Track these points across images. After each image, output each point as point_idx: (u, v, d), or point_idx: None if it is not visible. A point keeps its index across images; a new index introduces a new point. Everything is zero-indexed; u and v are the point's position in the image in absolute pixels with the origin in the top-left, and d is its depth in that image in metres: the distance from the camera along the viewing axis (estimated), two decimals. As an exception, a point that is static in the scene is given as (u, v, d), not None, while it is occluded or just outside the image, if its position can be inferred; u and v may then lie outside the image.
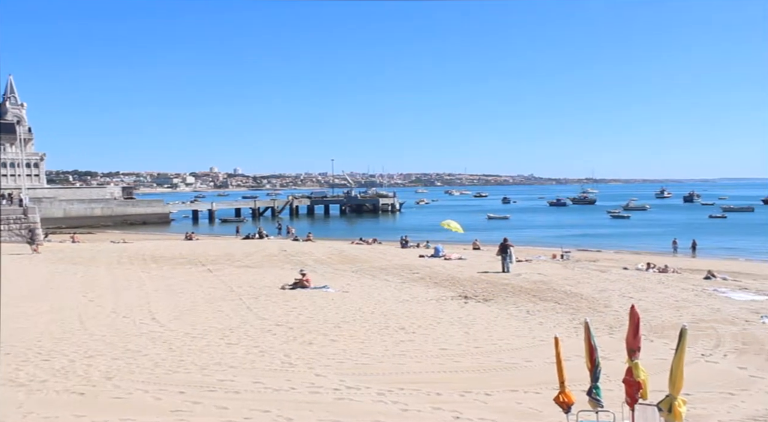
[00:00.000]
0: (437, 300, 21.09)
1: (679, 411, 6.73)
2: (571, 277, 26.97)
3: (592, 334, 7.35)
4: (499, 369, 12.52)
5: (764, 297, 21.75)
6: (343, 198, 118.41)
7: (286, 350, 13.84)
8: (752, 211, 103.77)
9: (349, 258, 34.56)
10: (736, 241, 57.61)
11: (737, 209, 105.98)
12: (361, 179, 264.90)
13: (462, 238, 44.52)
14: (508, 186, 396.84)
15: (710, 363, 13.07)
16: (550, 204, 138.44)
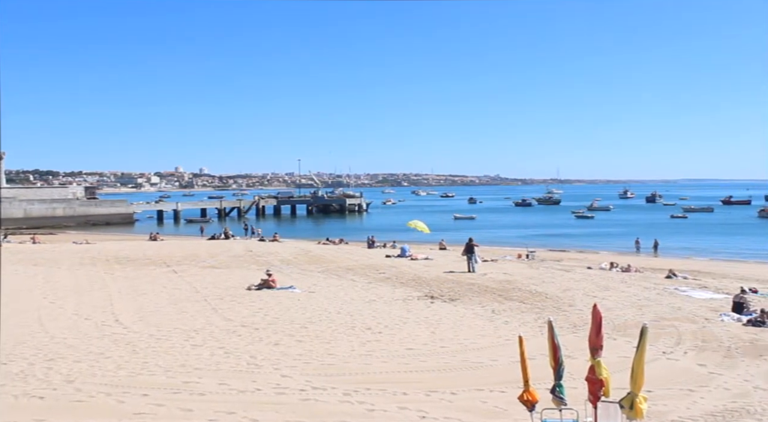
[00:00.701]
0: (403, 300, 21.14)
1: (641, 408, 6.83)
2: (536, 277, 27.24)
3: (555, 333, 7.42)
4: (465, 368, 12.59)
5: (723, 296, 22.21)
6: (310, 198, 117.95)
7: (252, 351, 13.75)
8: (712, 211, 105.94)
9: (316, 259, 34.47)
10: (696, 241, 58.75)
11: (698, 209, 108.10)
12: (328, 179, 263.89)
13: (428, 238, 44.70)
14: (475, 186, 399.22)
15: (671, 361, 13.32)
16: (516, 204, 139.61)
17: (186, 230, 77.36)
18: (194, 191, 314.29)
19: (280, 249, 39.74)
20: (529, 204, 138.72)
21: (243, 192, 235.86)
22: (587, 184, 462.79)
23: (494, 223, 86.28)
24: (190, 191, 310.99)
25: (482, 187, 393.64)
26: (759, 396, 10.88)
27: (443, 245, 44.75)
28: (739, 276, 30.32)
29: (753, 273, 32.67)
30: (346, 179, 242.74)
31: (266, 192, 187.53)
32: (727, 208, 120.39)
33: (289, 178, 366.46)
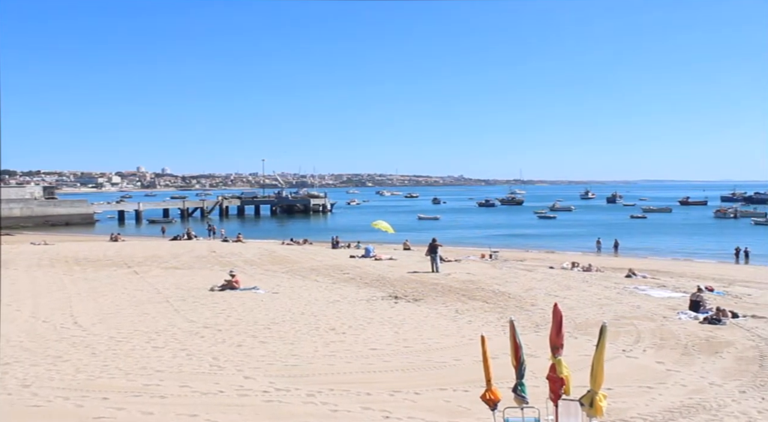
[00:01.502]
0: (368, 300, 21.14)
1: (600, 406, 6.92)
2: (499, 276, 27.46)
3: (517, 332, 7.48)
4: (429, 368, 12.64)
5: (681, 294, 22.63)
6: (274, 198, 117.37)
7: (215, 353, 13.63)
8: (670, 211, 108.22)
9: (280, 259, 34.29)
10: (655, 241, 59.87)
11: (656, 210, 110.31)
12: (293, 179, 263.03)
13: (393, 239, 44.76)
14: (439, 187, 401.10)
15: (630, 359, 13.54)
16: (479, 204, 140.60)
17: (148, 231, 76.31)
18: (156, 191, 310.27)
19: (243, 250, 39.44)
20: (492, 204, 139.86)
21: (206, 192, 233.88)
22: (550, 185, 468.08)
23: (458, 223, 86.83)
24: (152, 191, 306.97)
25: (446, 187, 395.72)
26: (714, 392, 11.12)
27: (407, 245, 44.87)
28: (696, 275, 30.94)
29: (709, 272, 33.37)
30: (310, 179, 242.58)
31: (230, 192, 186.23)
32: (685, 208, 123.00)
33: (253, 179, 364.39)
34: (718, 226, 79.34)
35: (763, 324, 17.32)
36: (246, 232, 58.38)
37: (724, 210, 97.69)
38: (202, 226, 66.43)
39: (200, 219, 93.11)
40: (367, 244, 39.97)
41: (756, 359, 13.56)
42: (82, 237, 61.81)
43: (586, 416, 7.16)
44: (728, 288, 25.47)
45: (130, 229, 79.15)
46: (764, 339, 15.39)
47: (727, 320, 17.51)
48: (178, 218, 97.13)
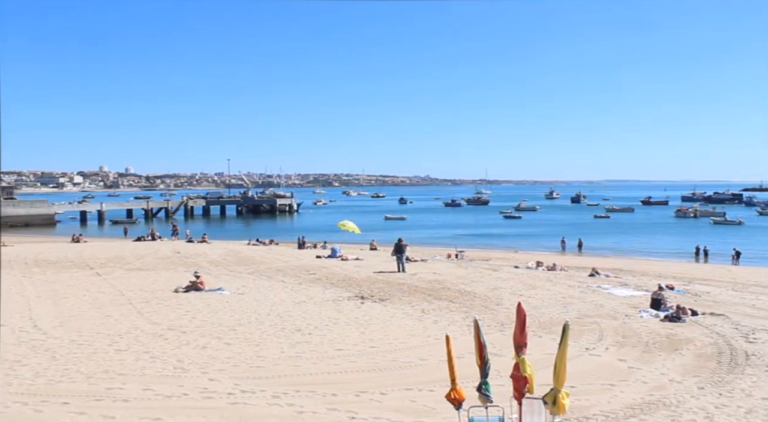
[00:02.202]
0: (334, 300, 21.11)
1: (563, 403, 7.03)
2: (465, 276, 27.62)
3: (481, 332, 7.54)
4: (395, 368, 12.67)
5: (642, 293, 23.00)
6: (240, 198, 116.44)
7: (179, 355, 13.49)
8: (632, 211, 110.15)
9: (245, 260, 34.07)
10: (618, 240, 60.78)
11: (619, 209, 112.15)
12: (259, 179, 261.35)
13: (359, 239, 44.76)
14: (405, 186, 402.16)
15: (593, 357, 13.73)
16: (446, 204, 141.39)
17: (111, 231, 75.16)
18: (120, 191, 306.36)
19: (208, 251, 39.10)
20: (458, 204, 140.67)
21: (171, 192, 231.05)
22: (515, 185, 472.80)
23: (424, 223, 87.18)
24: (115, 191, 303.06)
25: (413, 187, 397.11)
26: (674, 388, 11.33)
27: (374, 245, 44.90)
28: (657, 274, 31.49)
29: (670, 271, 33.96)
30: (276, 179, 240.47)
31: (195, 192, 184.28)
32: (647, 208, 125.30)
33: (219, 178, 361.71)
34: (679, 226, 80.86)
35: (721, 322, 17.70)
36: (211, 233, 57.84)
37: (684, 209, 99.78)
38: (167, 227, 65.60)
39: (165, 220, 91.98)
40: (333, 244, 39.94)
41: (714, 356, 13.86)
42: (43, 239, 60.56)
43: (549, 414, 7.26)
44: (688, 287, 25.96)
45: (92, 230, 77.80)
46: (722, 336, 15.74)
47: (686, 318, 17.86)
48: (142, 219, 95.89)
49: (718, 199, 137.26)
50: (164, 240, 49.84)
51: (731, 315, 18.78)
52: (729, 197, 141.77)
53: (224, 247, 42.72)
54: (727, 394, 11.01)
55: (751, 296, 23.96)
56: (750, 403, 10.51)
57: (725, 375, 12.26)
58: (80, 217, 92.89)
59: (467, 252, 41.66)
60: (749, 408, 10.27)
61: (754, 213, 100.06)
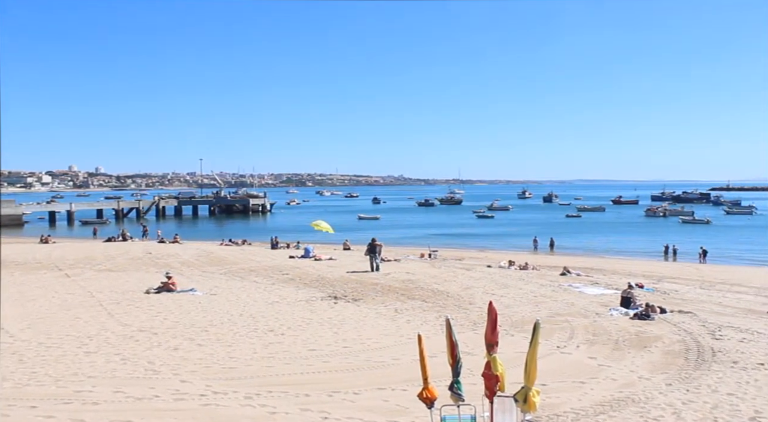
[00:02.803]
0: (307, 301, 21.07)
1: (533, 401, 7.10)
2: (438, 276, 27.73)
3: (453, 331, 7.59)
4: (368, 368, 12.69)
5: (612, 291, 23.30)
6: (213, 198, 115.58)
7: (150, 356, 13.37)
8: (603, 210, 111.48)
9: (218, 260, 33.86)
10: (589, 239, 61.46)
11: (590, 209, 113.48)
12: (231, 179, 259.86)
13: (332, 238, 44.75)
14: (379, 186, 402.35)
15: (564, 355, 13.89)
16: (419, 204, 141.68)
17: (81, 232, 74.15)
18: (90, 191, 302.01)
19: (180, 251, 38.77)
20: (431, 204, 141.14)
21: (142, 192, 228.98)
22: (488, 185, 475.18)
23: (398, 223, 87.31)
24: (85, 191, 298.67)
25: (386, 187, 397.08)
26: (643, 385, 11.51)
27: (347, 245, 44.89)
28: (627, 272, 31.93)
29: (640, 269, 34.43)
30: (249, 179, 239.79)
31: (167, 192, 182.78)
32: (617, 207, 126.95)
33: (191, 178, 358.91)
34: (649, 225, 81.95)
35: (688, 319, 18.01)
36: (183, 233, 57.37)
37: (654, 209, 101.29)
38: (138, 227, 64.85)
39: (136, 220, 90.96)
40: (306, 244, 39.81)
41: (682, 352, 14.10)
42: (10, 240, 59.47)
43: (520, 412, 7.33)
44: (657, 285, 26.36)
45: (61, 231, 76.64)
46: (689, 334, 16.01)
47: (655, 315, 18.14)
48: (113, 219, 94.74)
49: (687, 199, 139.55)
50: (135, 241, 49.32)
51: (699, 313, 19.13)
52: (697, 196, 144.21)
53: (196, 248, 42.40)
54: (693, 390, 11.21)
55: (718, 294, 24.42)
56: (716, 399, 10.71)
57: (692, 372, 12.48)
58: (49, 218, 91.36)
59: (440, 251, 41.85)
60: (715, 403, 10.47)
61: (721, 212, 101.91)
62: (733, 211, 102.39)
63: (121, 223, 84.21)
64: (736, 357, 13.71)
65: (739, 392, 11.13)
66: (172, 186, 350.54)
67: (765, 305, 21.67)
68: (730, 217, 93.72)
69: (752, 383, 11.71)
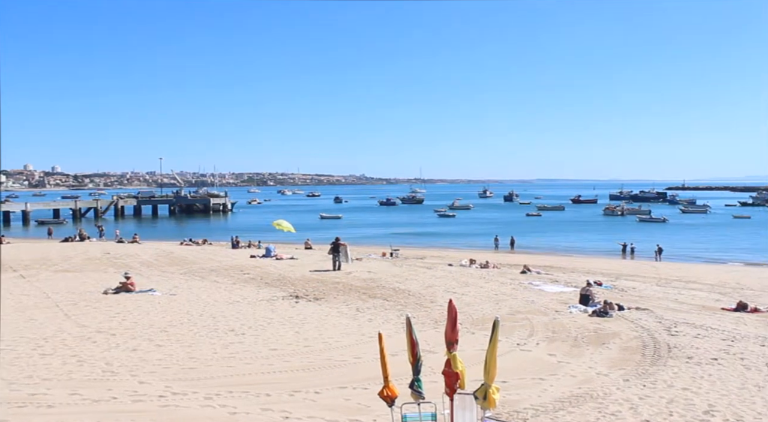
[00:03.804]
0: (268, 300, 20.95)
1: (493, 398, 7.15)
2: (399, 274, 27.81)
3: (413, 329, 7.61)
4: (329, 367, 12.67)
5: (572, 289, 23.64)
6: (173, 198, 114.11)
7: (108, 358, 13.16)
8: (563, 209, 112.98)
9: (178, 260, 33.45)
10: (549, 237, 62.20)
11: (550, 208, 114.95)
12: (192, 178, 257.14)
13: (294, 238, 44.53)
14: (341, 185, 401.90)
15: (524, 352, 14.05)
16: (381, 203, 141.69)
17: (36, 232, 72.48)
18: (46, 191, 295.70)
19: (139, 251, 38.22)
20: (393, 203, 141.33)
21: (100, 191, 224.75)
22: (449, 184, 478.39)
23: (360, 222, 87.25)
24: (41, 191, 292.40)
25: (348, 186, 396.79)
26: (601, 381, 11.70)
27: (309, 244, 44.73)
28: (586, 270, 32.41)
29: (598, 267, 34.99)
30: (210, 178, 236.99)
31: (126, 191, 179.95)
32: (577, 206, 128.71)
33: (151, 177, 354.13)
34: (607, 223, 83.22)
35: (645, 316, 18.36)
36: (143, 233, 56.57)
37: (612, 208, 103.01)
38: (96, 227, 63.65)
39: (94, 220, 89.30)
40: (267, 244, 39.60)
41: (639, 349, 14.37)
42: (-38, 240, 58.07)
43: (480, 409, 7.38)
44: (615, 282, 26.82)
45: (16, 231, 74.88)
46: (646, 330, 16.33)
47: (613, 312, 18.46)
48: (70, 219, 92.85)
49: (644, 198, 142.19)
50: (93, 241, 48.45)
51: (655, 310, 19.52)
52: (654, 196, 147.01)
53: (156, 248, 41.83)
54: (650, 385, 11.43)
55: (674, 291, 24.94)
56: (671, 393, 10.94)
57: (649, 367, 12.72)
58: (3, 218, 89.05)
59: (402, 250, 41.96)
60: (670, 398, 10.69)
61: (677, 211, 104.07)
62: (688, 210, 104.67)
63: (79, 223, 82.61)
64: (691, 352, 14.01)
65: (693, 386, 11.38)
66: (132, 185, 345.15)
67: (718, 302, 22.22)
68: (685, 216, 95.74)
69: (706, 377, 11.98)
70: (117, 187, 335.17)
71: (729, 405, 10.34)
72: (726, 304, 21.33)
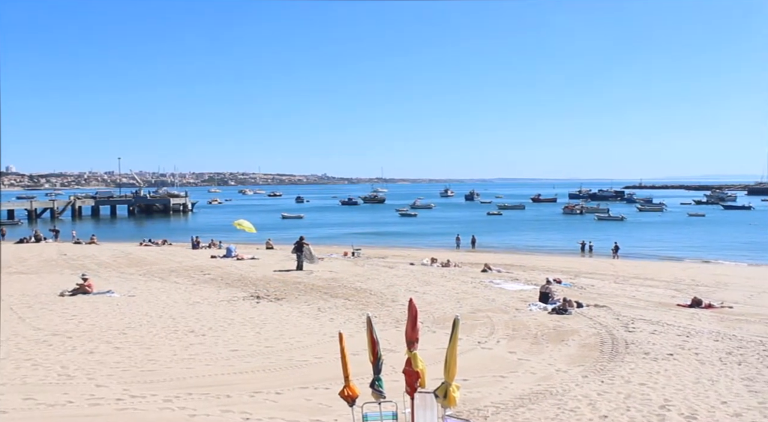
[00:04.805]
0: (229, 301, 20.78)
1: (453, 397, 7.18)
2: (361, 274, 27.82)
3: (374, 328, 7.60)
4: (290, 367, 12.62)
5: (532, 287, 23.90)
6: (132, 198, 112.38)
7: (64, 361, 12.90)
8: (523, 208, 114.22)
9: (137, 261, 32.98)
10: (510, 236, 62.82)
11: (511, 207, 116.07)
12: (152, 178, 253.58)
13: (255, 238, 44.21)
14: (302, 185, 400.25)
15: (485, 350, 14.16)
16: (343, 203, 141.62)
17: (-11, 234, 70.70)
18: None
19: (97, 252, 37.60)
20: (355, 202, 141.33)
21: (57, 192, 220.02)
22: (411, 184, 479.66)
23: (321, 222, 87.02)
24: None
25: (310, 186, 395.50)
26: (560, 378, 11.85)
27: (270, 244, 44.49)
28: (546, 268, 32.78)
29: (558, 265, 35.45)
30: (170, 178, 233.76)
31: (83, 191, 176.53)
32: (537, 205, 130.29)
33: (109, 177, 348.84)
34: (566, 222, 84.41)
35: (604, 313, 18.66)
36: (101, 234, 55.65)
37: (571, 206, 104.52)
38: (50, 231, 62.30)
39: (50, 221, 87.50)
40: (228, 244, 39.28)
41: (597, 345, 14.60)
42: None
43: (440, 407, 7.41)
44: (574, 280, 27.20)
45: (-32, 232, 72.99)
46: (604, 327, 16.60)
47: (572, 310, 18.72)
48: (25, 220, 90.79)
49: (602, 196, 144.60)
50: (49, 242, 47.50)
51: (613, 307, 19.84)
52: (612, 194, 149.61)
53: (114, 248, 41.20)
54: (608, 381, 11.62)
55: (631, 288, 25.38)
56: (629, 389, 11.13)
57: (607, 364, 12.93)
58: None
59: (364, 249, 41.97)
60: (628, 393, 10.88)
61: (634, 209, 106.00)
62: (645, 209, 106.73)
63: (35, 224, 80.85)
64: (648, 348, 14.28)
65: (650, 382, 11.59)
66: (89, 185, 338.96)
67: (674, 298, 22.68)
68: (642, 214, 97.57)
69: (662, 373, 12.22)
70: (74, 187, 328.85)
71: (684, 399, 10.56)
72: (681, 301, 21.79)
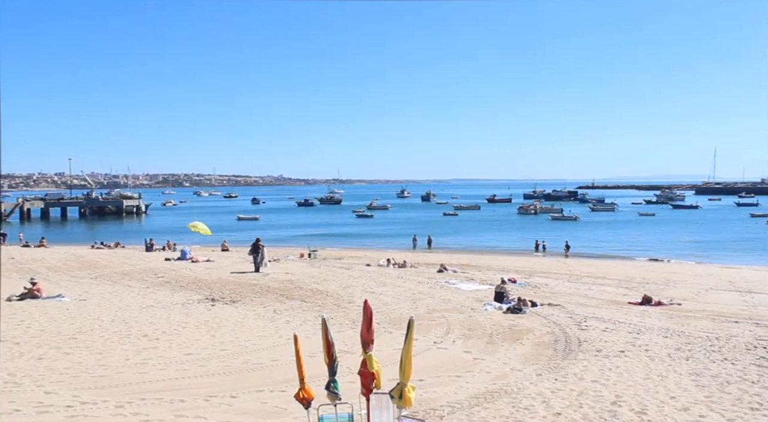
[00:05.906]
0: (183, 304, 20.50)
1: (409, 397, 7.21)
2: (317, 275, 27.73)
3: (329, 330, 7.58)
4: (246, 370, 12.50)
5: (487, 287, 24.13)
6: (83, 199, 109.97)
7: (11, 368, 12.56)
8: (479, 208, 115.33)
9: (88, 264, 32.32)
10: (465, 236, 63.31)
11: (467, 207, 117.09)
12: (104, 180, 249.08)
13: (210, 240, 43.69)
14: (258, 186, 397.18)
15: (441, 350, 14.24)
16: (299, 204, 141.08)
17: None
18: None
19: (47, 255, 36.73)
20: (311, 204, 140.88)
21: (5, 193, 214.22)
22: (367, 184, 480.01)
23: (278, 223, 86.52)
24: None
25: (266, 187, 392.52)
26: (515, 376, 11.99)
27: (225, 246, 44.06)
28: (501, 268, 33.12)
29: (512, 265, 35.82)
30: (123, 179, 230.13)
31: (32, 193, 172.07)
32: (492, 205, 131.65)
33: (60, 179, 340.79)
34: (521, 222, 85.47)
35: (557, 311, 18.94)
36: (51, 236, 54.39)
37: (526, 207, 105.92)
38: None
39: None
40: (183, 246, 38.75)
41: (551, 344, 14.80)
42: None
43: (396, 408, 7.43)
44: (528, 279, 27.53)
45: None
46: (558, 325, 16.85)
47: (527, 309, 18.95)
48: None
49: (556, 197, 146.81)
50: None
51: (567, 305, 20.16)
52: (566, 195, 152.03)
53: (65, 251, 40.29)
54: (561, 379, 11.79)
55: (584, 287, 25.80)
56: (581, 386, 11.32)
57: (560, 362, 13.13)
58: None
59: (320, 251, 41.79)
60: (581, 390, 11.06)
61: (587, 209, 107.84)
62: (597, 208, 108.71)
63: (-20, 227, 78.63)
64: (600, 345, 14.54)
65: (602, 379, 11.80)
66: (39, 187, 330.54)
67: (626, 296, 23.12)
68: (595, 214, 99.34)
69: (614, 369, 12.46)
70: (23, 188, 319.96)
71: (635, 395, 10.78)
72: (632, 298, 22.23)
